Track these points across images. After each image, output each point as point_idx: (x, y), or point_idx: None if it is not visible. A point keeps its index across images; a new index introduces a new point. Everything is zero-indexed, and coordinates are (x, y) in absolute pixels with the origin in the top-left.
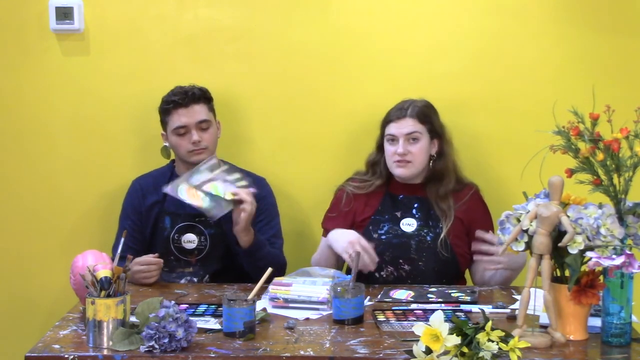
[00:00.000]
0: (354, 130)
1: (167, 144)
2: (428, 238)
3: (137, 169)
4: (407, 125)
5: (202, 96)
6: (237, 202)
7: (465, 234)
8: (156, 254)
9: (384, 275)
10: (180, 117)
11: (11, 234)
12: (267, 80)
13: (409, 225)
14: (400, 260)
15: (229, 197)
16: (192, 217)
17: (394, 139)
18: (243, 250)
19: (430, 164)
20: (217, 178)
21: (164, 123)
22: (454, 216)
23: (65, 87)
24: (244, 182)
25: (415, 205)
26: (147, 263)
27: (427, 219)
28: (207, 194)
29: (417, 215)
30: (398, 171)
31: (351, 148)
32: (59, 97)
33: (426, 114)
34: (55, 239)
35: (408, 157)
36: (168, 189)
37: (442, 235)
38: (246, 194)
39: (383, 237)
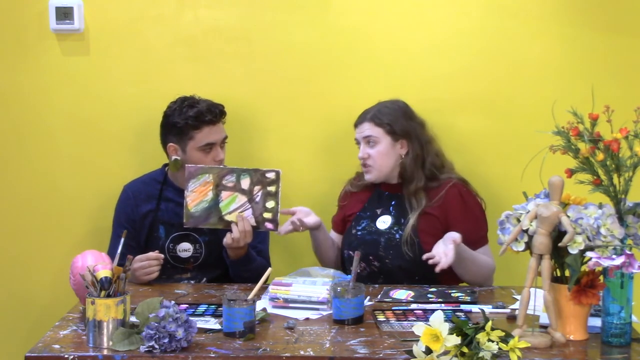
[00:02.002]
0: (353, 131)
1: (178, 157)
2: (397, 236)
3: (136, 169)
4: (364, 129)
5: (224, 113)
6: (228, 226)
7: (441, 232)
8: (156, 251)
9: (358, 271)
10: (211, 134)
11: (10, 233)
12: (267, 81)
13: (383, 222)
14: (370, 257)
15: (230, 218)
16: None
17: (359, 144)
18: (229, 260)
19: (400, 163)
20: (247, 193)
21: (185, 137)
22: (426, 213)
23: (65, 87)
24: (269, 215)
25: (393, 203)
26: (148, 259)
27: (400, 216)
28: (214, 200)
29: (393, 213)
30: (366, 177)
31: (351, 148)
32: (58, 97)
33: (382, 117)
34: (55, 239)
35: (368, 162)
36: (192, 167)
37: (405, 235)
38: (239, 232)
39: (359, 233)
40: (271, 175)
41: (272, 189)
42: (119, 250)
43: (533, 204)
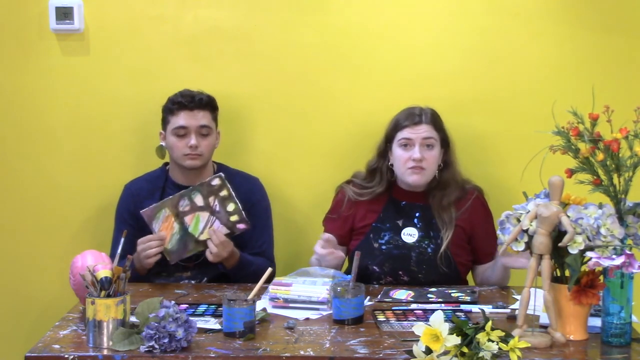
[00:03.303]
0: (353, 131)
1: (163, 144)
2: (429, 250)
3: (137, 169)
4: (423, 130)
5: (208, 103)
6: (207, 245)
7: (466, 242)
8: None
9: (383, 285)
10: (184, 119)
11: (11, 233)
12: (267, 81)
13: (410, 235)
14: (400, 272)
15: (204, 237)
16: None
17: (408, 144)
18: (226, 271)
19: (436, 173)
20: (206, 208)
21: (165, 122)
22: (455, 225)
23: (65, 87)
24: (236, 217)
25: (417, 214)
26: (149, 240)
27: (428, 229)
28: (182, 229)
29: (418, 225)
30: (412, 178)
31: (351, 149)
32: (59, 97)
33: (438, 123)
34: (55, 239)
35: (423, 164)
36: (147, 210)
37: (442, 250)
38: (216, 245)
39: (383, 247)
40: (216, 182)
41: (224, 193)
42: (118, 251)
43: (533, 204)
